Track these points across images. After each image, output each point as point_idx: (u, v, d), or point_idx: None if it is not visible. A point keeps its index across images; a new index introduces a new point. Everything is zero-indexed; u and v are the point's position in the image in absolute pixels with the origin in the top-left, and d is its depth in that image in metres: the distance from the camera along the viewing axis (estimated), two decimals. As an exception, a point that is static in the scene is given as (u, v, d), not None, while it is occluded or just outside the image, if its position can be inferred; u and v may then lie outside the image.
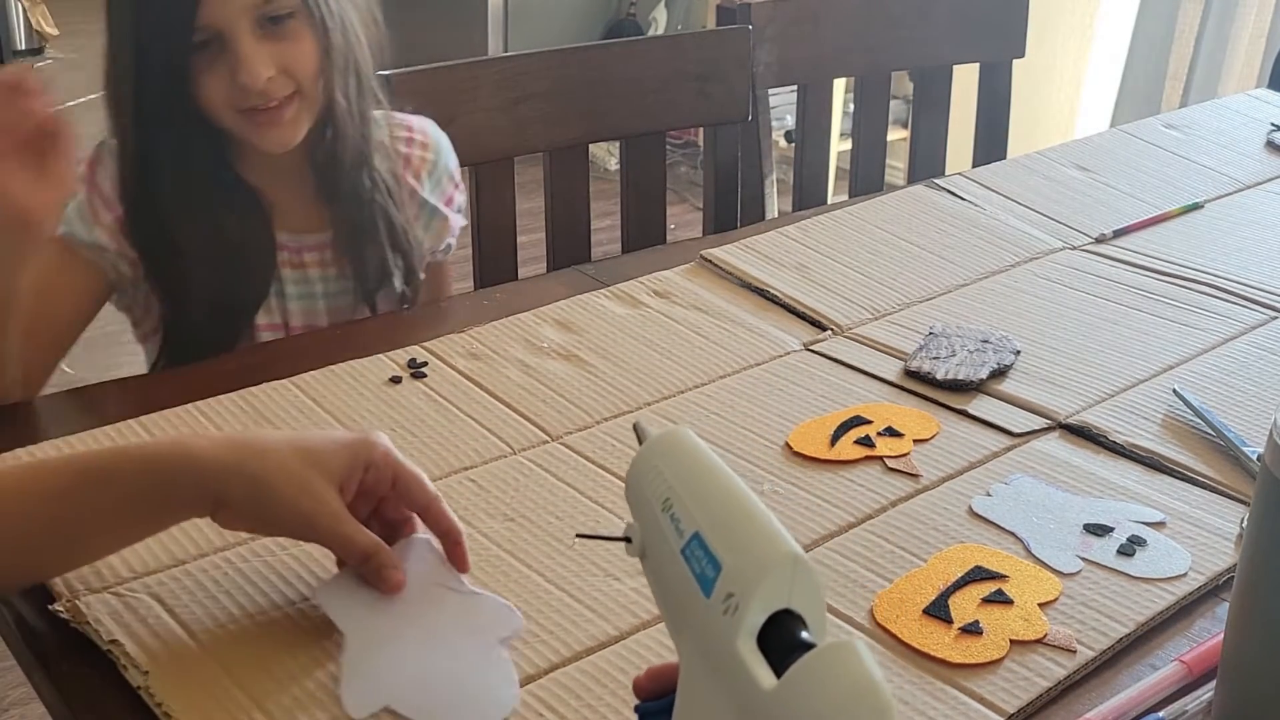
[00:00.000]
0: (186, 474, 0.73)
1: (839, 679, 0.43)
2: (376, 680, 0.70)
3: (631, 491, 0.54)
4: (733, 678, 0.46)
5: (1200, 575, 0.83)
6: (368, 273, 1.20)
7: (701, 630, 0.48)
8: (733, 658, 0.46)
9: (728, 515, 0.49)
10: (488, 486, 0.91)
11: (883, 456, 0.96)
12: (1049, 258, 1.32)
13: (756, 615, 0.46)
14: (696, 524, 0.49)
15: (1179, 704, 0.73)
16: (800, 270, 1.26)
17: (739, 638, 0.46)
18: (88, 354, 1.85)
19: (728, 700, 0.47)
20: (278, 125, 1.11)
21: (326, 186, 1.18)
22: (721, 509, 0.49)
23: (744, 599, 0.46)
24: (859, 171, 1.80)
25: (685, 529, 0.49)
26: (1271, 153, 1.64)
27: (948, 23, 1.79)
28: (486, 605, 0.76)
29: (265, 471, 0.73)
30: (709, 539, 0.48)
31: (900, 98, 3.15)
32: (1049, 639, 0.77)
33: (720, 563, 0.47)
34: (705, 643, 0.48)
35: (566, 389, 1.04)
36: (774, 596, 0.46)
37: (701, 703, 0.49)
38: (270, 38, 1.08)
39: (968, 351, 1.09)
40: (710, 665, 0.48)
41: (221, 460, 0.73)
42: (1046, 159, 1.57)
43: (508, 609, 0.76)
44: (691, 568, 0.49)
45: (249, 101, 1.08)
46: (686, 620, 0.50)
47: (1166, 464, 0.96)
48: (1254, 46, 2.89)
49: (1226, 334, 1.17)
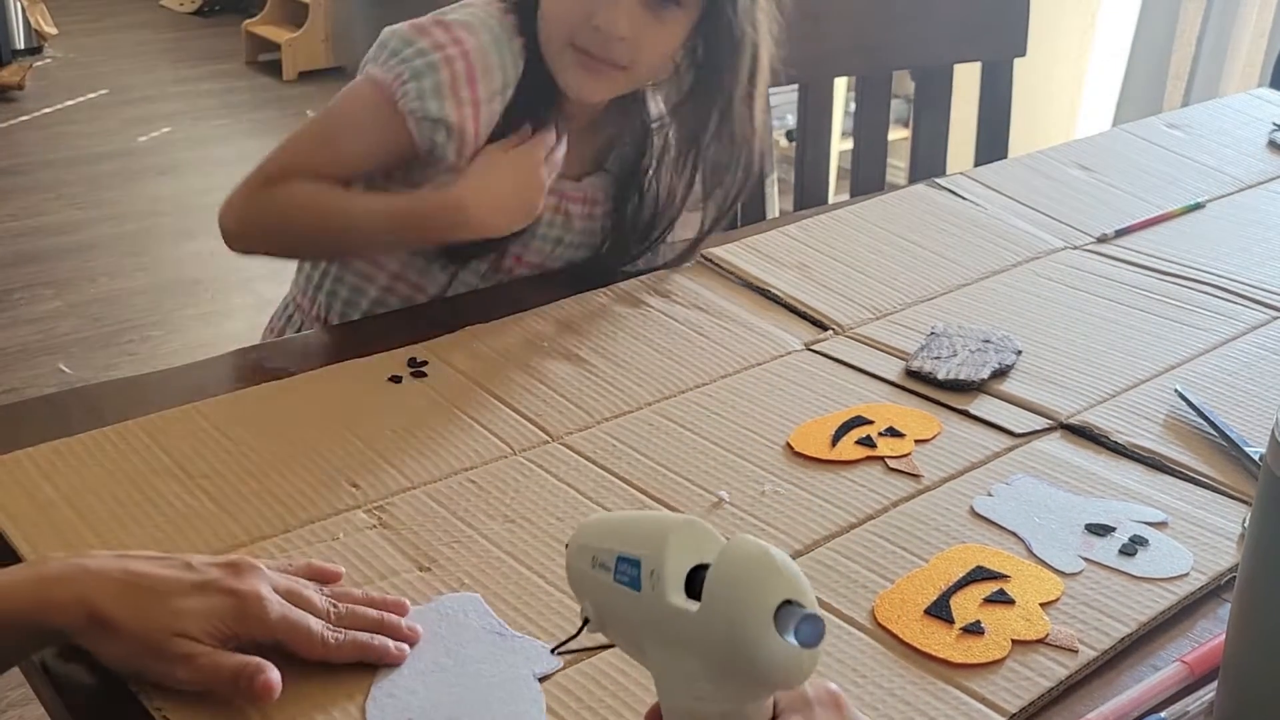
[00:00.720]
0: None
1: (736, 563, 0.52)
2: (404, 701, 0.70)
3: (573, 582, 0.61)
4: (677, 629, 0.53)
5: (1202, 575, 0.83)
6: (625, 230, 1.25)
7: (647, 620, 0.55)
8: (670, 610, 0.53)
9: (632, 530, 0.57)
10: (488, 487, 0.90)
11: (884, 457, 0.95)
12: (1050, 257, 1.32)
13: (675, 571, 0.54)
14: (615, 551, 0.57)
15: (1180, 704, 0.72)
16: (801, 270, 1.25)
17: (669, 594, 0.54)
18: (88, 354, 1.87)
19: (686, 655, 0.53)
20: (597, 78, 1.13)
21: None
22: (626, 530, 0.58)
23: (660, 566, 0.54)
24: (860, 171, 1.80)
25: (610, 562, 0.57)
26: (1273, 152, 1.64)
27: (949, 22, 1.79)
28: (526, 646, 0.76)
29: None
30: (626, 551, 0.56)
31: (901, 97, 3.15)
32: (1051, 639, 0.77)
33: (638, 558, 0.55)
34: (654, 627, 0.55)
35: (567, 389, 1.04)
36: (683, 554, 0.54)
37: (674, 682, 0.55)
38: (650, 8, 1.10)
39: (969, 351, 1.09)
40: (664, 642, 0.55)
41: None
42: (1048, 158, 1.56)
43: (544, 650, 0.75)
44: (623, 582, 0.56)
45: (587, 42, 1.10)
46: (638, 628, 0.56)
47: (1168, 464, 0.96)
48: (1255, 46, 2.88)
49: (1228, 334, 1.16)
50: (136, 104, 4.40)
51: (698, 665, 0.53)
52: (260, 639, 0.71)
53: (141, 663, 0.69)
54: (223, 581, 0.71)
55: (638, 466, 0.93)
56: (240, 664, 0.69)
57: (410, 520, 0.86)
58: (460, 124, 1.12)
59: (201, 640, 0.69)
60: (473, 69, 1.12)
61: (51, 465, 0.90)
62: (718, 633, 0.52)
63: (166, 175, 3.82)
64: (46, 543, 0.82)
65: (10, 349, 2.86)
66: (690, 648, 0.53)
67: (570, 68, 1.13)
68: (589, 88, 1.14)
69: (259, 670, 0.68)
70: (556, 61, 1.13)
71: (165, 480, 0.89)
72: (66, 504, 0.86)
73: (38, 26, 4.61)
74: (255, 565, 0.73)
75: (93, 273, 3.22)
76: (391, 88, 1.12)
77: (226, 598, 0.70)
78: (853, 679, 0.73)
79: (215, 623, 0.69)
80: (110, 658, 0.69)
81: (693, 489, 0.91)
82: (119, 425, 0.95)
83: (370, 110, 1.14)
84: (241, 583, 0.71)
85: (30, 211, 3.57)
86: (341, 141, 1.15)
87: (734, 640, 0.51)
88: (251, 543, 0.83)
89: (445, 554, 0.83)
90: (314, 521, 0.86)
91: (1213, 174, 1.56)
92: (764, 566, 0.51)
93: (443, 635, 0.75)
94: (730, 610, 0.51)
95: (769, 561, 0.51)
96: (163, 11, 5.58)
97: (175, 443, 0.93)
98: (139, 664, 0.69)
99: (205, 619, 0.69)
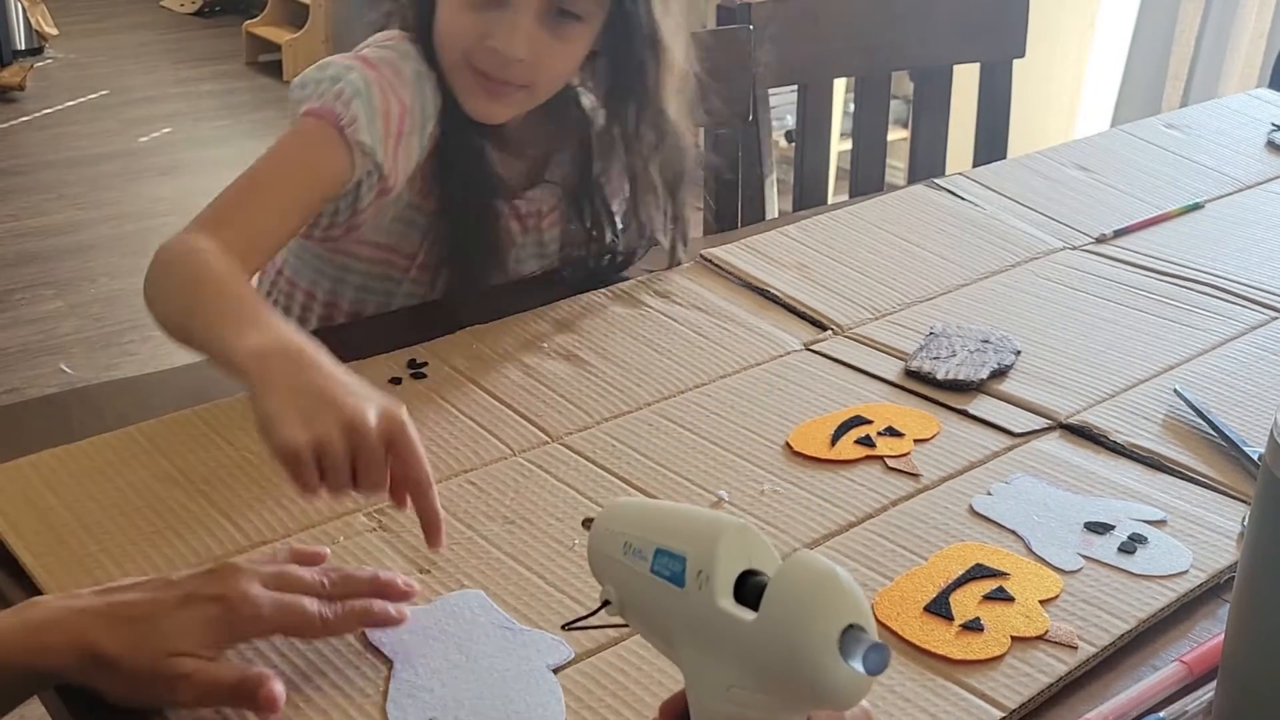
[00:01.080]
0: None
1: (802, 581, 0.50)
2: (424, 700, 0.70)
3: (595, 563, 0.60)
4: (724, 634, 0.52)
5: (1201, 572, 0.83)
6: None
7: (688, 619, 0.54)
8: (719, 614, 0.53)
9: (676, 523, 0.56)
10: (487, 489, 0.91)
11: (883, 456, 0.96)
12: (1049, 258, 1.32)
13: (725, 574, 0.53)
14: (654, 543, 0.56)
15: (1179, 704, 0.73)
16: (800, 270, 1.26)
17: (718, 597, 0.53)
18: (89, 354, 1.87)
19: (728, 660, 0.53)
20: (497, 99, 1.09)
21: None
22: (669, 523, 0.57)
23: (710, 567, 0.53)
24: (859, 171, 1.80)
25: (647, 552, 0.56)
26: (1272, 152, 1.64)
27: (948, 23, 1.79)
28: (537, 639, 0.76)
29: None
30: (669, 545, 0.55)
31: (900, 98, 3.15)
32: (1050, 635, 0.77)
33: (683, 555, 0.54)
34: (694, 626, 0.54)
35: (566, 389, 1.04)
36: (734, 558, 0.53)
37: (710, 683, 0.54)
38: (547, 27, 1.06)
39: (968, 351, 1.09)
40: (704, 643, 0.54)
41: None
42: (1047, 159, 1.57)
43: (559, 642, 0.75)
44: (663, 576, 0.55)
45: (483, 63, 1.06)
46: (674, 623, 0.56)
47: (1167, 464, 0.96)
48: (1254, 46, 2.89)
49: (1227, 334, 1.17)
50: (137, 104, 4.40)
51: (742, 673, 0.52)
52: (258, 637, 0.71)
53: (144, 691, 0.69)
54: (206, 589, 0.70)
55: (637, 466, 0.94)
56: (240, 677, 0.68)
57: (410, 522, 0.86)
58: (384, 160, 1.07)
59: (199, 653, 0.68)
60: (403, 106, 1.07)
61: (53, 472, 0.90)
62: (776, 647, 0.50)
63: (167, 176, 3.82)
64: (48, 551, 0.82)
65: (11, 349, 2.87)
66: (738, 654, 0.52)
67: (469, 90, 1.09)
68: (490, 110, 1.10)
69: (260, 683, 0.68)
70: (455, 83, 1.09)
71: (166, 486, 0.89)
72: (68, 511, 0.86)
73: (38, 27, 4.61)
74: (235, 566, 0.72)
75: (93, 273, 3.22)
76: (336, 115, 1.04)
77: (213, 605, 0.70)
78: (852, 678, 0.73)
79: (209, 632, 0.69)
80: (112, 692, 0.69)
81: (692, 489, 0.91)
82: (120, 431, 0.95)
83: (315, 145, 1.05)
84: (225, 586, 0.70)
85: (31, 212, 3.58)
86: (280, 186, 1.05)
87: (794, 658, 0.50)
88: (252, 547, 0.83)
89: (445, 556, 0.83)
90: (314, 525, 0.86)
91: (1211, 174, 1.56)
92: (831, 587, 0.50)
93: (452, 632, 0.75)
94: (792, 627, 0.50)
95: (835, 583, 0.50)
96: (163, 12, 5.58)
97: (176, 448, 0.93)
98: (142, 693, 0.69)
99: (197, 631, 0.69)
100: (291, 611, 0.71)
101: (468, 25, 1.06)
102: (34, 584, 0.79)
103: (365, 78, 1.06)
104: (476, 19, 1.06)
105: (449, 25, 1.07)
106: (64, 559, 0.81)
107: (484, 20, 1.05)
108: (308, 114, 1.06)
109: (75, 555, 0.82)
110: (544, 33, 1.06)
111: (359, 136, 1.04)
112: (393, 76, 1.07)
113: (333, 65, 1.07)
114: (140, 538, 0.83)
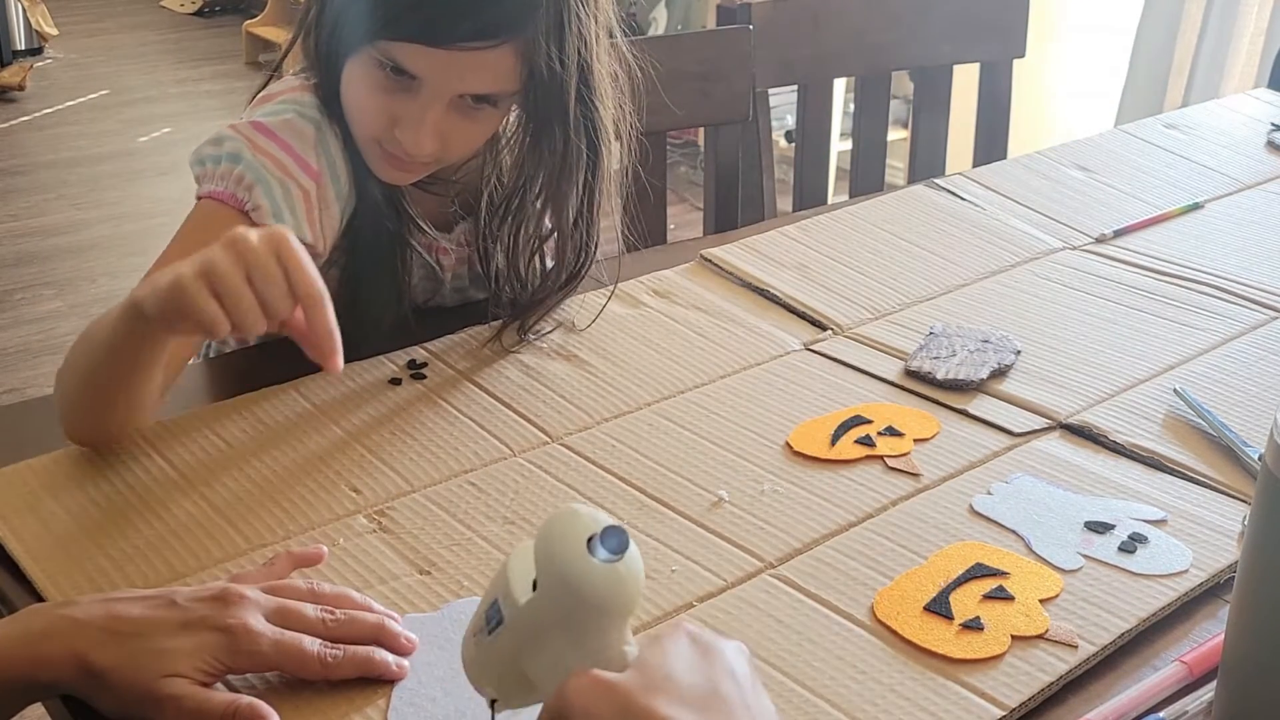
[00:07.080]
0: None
1: (551, 533, 0.57)
2: (428, 710, 0.70)
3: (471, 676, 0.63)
4: (532, 620, 0.58)
5: (1202, 572, 0.83)
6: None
7: (518, 643, 0.58)
8: (523, 612, 0.58)
9: (487, 592, 0.61)
10: (487, 489, 0.91)
11: (883, 456, 0.96)
12: (1049, 258, 1.32)
13: (519, 581, 0.58)
14: (480, 617, 0.61)
15: (1179, 704, 0.73)
16: (800, 270, 1.26)
17: (518, 599, 0.58)
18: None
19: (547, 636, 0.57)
20: (406, 171, 1.06)
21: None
22: (484, 597, 0.61)
23: (506, 587, 0.59)
24: (859, 171, 1.80)
25: (482, 624, 0.60)
26: (1272, 153, 1.64)
27: (948, 22, 1.79)
28: None
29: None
30: (485, 607, 0.60)
31: (900, 98, 3.15)
32: (1050, 634, 0.77)
33: (493, 599, 0.60)
34: (522, 641, 0.58)
35: (566, 389, 1.04)
36: (524, 567, 0.58)
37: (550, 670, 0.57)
38: (459, 110, 1.01)
39: (968, 351, 1.09)
40: (531, 641, 0.58)
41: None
42: (1047, 159, 1.57)
43: None
44: (494, 626, 0.59)
45: (393, 147, 1.02)
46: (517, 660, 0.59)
47: (1167, 464, 0.96)
48: (1254, 46, 2.88)
49: (1227, 334, 1.17)
50: (137, 104, 4.40)
51: (555, 636, 0.57)
52: (255, 671, 0.71)
53: (132, 709, 0.68)
54: (210, 618, 0.70)
55: (637, 466, 0.94)
56: (228, 703, 0.68)
57: (410, 524, 0.86)
58: (311, 240, 1.02)
59: (193, 678, 0.68)
60: (315, 175, 1.03)
61: (53, 476, 0.90)
62: (555, 593, 0.56)
63: (167, 176, 3.82)
64: (49, 555, 0.82)
65: (11, 349, 2.87)
66: (545, 627, 0.57)
67: (376, 160, 1.05)
68: (398, 177, 1.07)
69: (250, 714, 0.67)
70: (362, 151, 1.05)
71: (166, 489, 0.89)
72: (68, 515, 0.86)
73: (38, 27, 4.61)
74: (242, 594, 0.71)
75: (93, 273, 3.22)
76: (240, 201, 1.00)
77: (215, 634, 0.69)
78: (853, 675, 0.73)
79: (206, 659, 0.69)
80: (105, 707, 0.69)
81: (692, 489, 0.91)
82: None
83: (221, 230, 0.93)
84: (229, 616, 0.70)
85: (31, 212, 3.58)
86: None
87: (565, 588, 0.56)
88: (252, 550, 0.83)
89: (445, 557, 0.83)
90: (314, 527, 0.86)
91: (1211, 174, 1.56)
92: (567, 519, 0.57)
93: (455, 641, 0.75)
94: (553, 567, 0.56)
95: (571, 513, 0.57)
96: (163, 12, 5.58)
97: (176, 450, 0.93)
98: (130, 710, 0.68)
99: (195, 656, 0.68)
100: (291, 653, 0.70)
101: (376, 109, 1.01)
102: (34, 588, 0.79)
103: (261, 164, 1.01)
104: (386, 101, 1.01)
105: (357, 105, 1.03)
106: (64, 564, 0.81)
107: (393, 104, 1.00)
108: (210, 197, 1.01)
109: (75, 559, 0.81)
110: (454, 116, 1.01)
111: (264, 220, 1.00)
112: (295, 140, 1.03)
113: (227, 140, 1.02)
114: (140, 541, 0.83)
